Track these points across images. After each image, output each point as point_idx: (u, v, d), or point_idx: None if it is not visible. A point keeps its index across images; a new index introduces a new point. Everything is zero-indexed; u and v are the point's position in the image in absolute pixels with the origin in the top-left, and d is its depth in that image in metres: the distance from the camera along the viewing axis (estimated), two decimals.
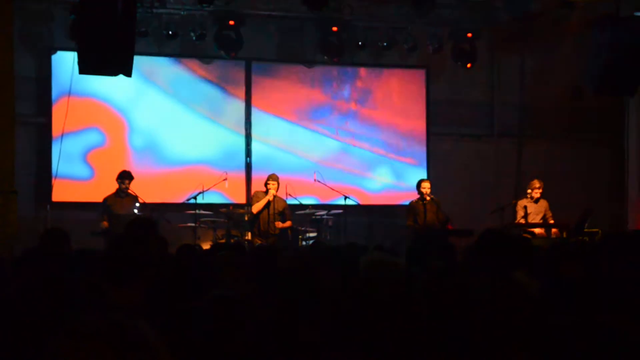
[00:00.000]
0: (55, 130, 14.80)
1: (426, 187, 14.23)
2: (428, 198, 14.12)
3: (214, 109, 15.92)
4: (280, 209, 13.77)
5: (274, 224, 13.62)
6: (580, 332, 2.50)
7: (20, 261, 5.59)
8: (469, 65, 16.37)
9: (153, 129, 15.58)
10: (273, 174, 13.87)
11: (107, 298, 4.23)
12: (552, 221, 14.04)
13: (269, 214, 13.65)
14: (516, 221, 14.06)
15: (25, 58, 14.37)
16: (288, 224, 13.81)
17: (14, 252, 8.84)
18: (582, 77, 14.30)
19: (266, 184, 13.72)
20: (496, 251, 4.37)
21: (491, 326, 3.19)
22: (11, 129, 8.26)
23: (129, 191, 13.52)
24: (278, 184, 13.73)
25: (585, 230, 13.42)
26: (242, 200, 15.66)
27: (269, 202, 13.65)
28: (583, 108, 16.15)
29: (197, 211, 13.98)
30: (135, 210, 13.26)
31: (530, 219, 14.00)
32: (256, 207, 13.67)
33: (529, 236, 13.26)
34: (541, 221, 14.06)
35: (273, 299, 4.63)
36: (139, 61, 11.77)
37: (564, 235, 13.54)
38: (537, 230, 13.81)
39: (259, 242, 13.39)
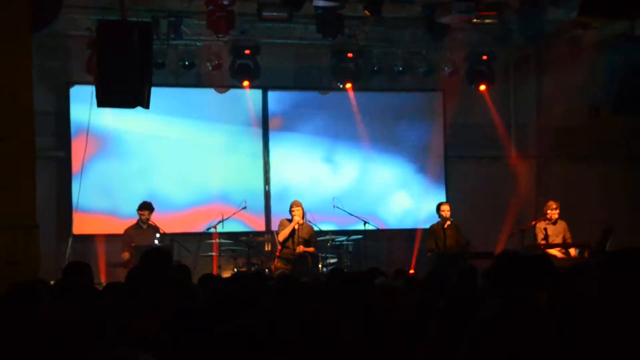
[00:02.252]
0: (75, 164, 14.90)
1: (445, 209, 14.24)
2: (448, 222, 14.12)
3: (232, 138, 15.97)
4: (306, 237, 13.71)
5: (297, 248, 13.60)
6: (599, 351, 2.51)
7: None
8: (483, 87, 16.41)
9: (171, 159, 15.63)
10: (296, 201, 13.87)
11: (128, 330, 4.26)
12: (571, 242, 13.98)
13: (293, 241, 13.63)
14: (536, 243, 14.01)
15: (43, 93, 14.47)
16: (311, 249, 13.76)
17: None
18: (598, 96, 14.27)
19: (290, 211, 13.72)
20: (513, 273, 4.37)
21: (510, 349, 3.20)
22: (32, 164, 8.32)
23: (150, 222, 13.59)
24: (302, 209, 13.73)
25: (607, 249, 13.34)
26: (261, 228, 15.69)
27: (294, 230, 13.63)
28: (600, 127, 16.09)
29: (218, 240, 14.02)
30: (156, 241, 13.31)
31: (550, 241, 13.94)
32: (282, 235, 13.66)
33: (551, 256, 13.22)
34: (561, 242, 14.00)
35: (294, 327, 4.64)
36: (156, 92, 11.86)
37: (586, 255, 13.48)
38: (558, 254, 13.73)
39: (283, 268, 13.35)
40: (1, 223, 8.05)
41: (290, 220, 13.72)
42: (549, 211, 14.07)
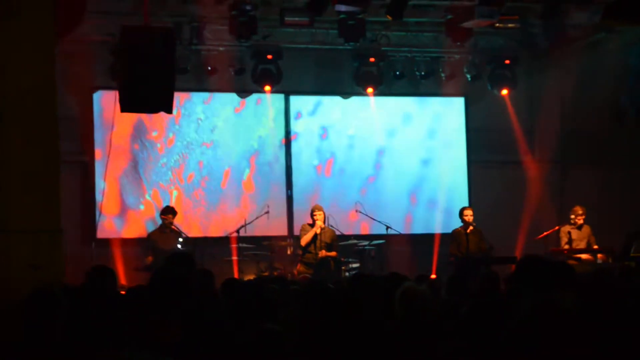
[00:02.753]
0: (98, 168, 14.98)
1: (468, 214, 14.23)
2: (471, 227, 14.10)
3: (254, 142, 16.01)
4: (328, 241, 13.72)
5: (320, 252, 13.61)
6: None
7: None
8: (506, 92, 16.38)
9: (193, 164, 15.69)
10: (317, 205, 13.92)
11: (149, 334, 4.28)
12: (596, 247, 13.93)
13: (315, 246, 13.65)
14: (560, 247, 13.96)
15: (67, 98, 14.54)
16: (333, 254, 13.77)
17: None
18: (622, 101, 14.23)
19: (312, 215, 13.74)
20: (536, 277, 4.36)
21: (534, 352, 3.20)
22: (56, 169, 8.37)
23: (173, 227, 13.65)
24: (324, 213, 13.75)
25: (632, 255, 13.27)
26: (284, 232, 15.70)
27: (316, 235, 13.65)
28: (623, 132, 16.01)
29: (240, 244, 14.04)
30: (179, 245, 13.36)
31: (574, 246, 13.89)
32: (304, 240, 13.67)
33: (575, 262, 13.17)
34: (585, 247, 13.95)
35: (317, 331, 4.65)
36: (179, 97, 11.96)
37: (610, 260, 13.42)
38: (583, 256, 13.69)
39: (305, 273, 13.37)
40: (26, 227, 8.10)
41: (311, 225, 13.74)
42: (574, 216, 14.01)
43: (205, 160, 15.75)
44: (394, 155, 16.58)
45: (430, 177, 16.69)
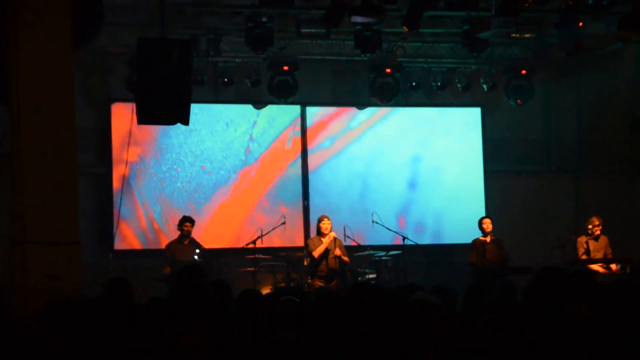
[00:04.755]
0: (116, 180, 15.04)
1: (487, 223, 14.24)
2: (489, 238, 14.11)
3: (271, 154, 16.04)
4: (339, 247, 13.80)
5: (336, 258, 13.60)
6: None
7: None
8: (522, 102, 16.35)
9: (210, 175, 15.72)
10: (323, 215, 13.93)
11: (169, 346, 4.29)
12: (611, 257, 13.87)
13: (328, 256, 13.67)
14: (578, 258, 13.90)
15: (84, 109, 14.60)
16: (346, 259, 13.80)
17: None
18: (638, 108, 14.19)
19: (319, 226, 13.73)
20: (554, 288, 4.35)
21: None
22: (73, 179, 8.38)
23: (191, 237, 13.68)
24: (330, 222, 13.78)
25: None
26: (300, 243, 15.70)
27: (327, 249, 13.67)
28: None
29: (256, 255, 14.05)
30: (196, 257, 13.38)
31: (592, 256, 13.84)
32: (317, 252, 13.66)
33: (594, 271, 13.12)
34: (603, 258, 13.88)
35: (332, 342, 4.64)
36: (196, 109, 11.97)
37: (628, 271, 13.36)
38: (599, 269, 13.62)
39: (321, 284, 13.37)
40: (42, 239, 8.11)
41: (318, 235, 13.75)
42: (591, 227, 13.96)
43: (220, 171, 15.78)
44: (409, 164, 16.57)
45: (447, 188, 16.66)
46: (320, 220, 13.83)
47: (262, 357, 3.80)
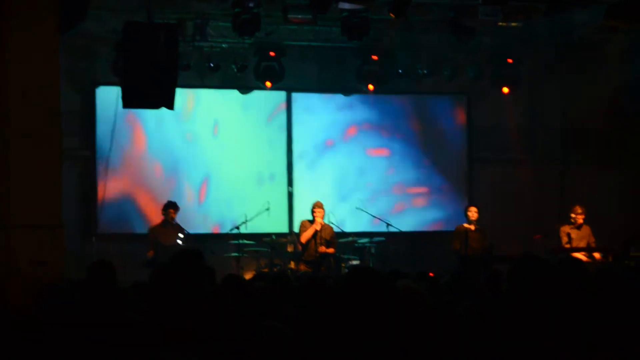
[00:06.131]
0: (100, 164, 14.99)
1: (473, 211, 14.28)
2: (474, 226, 14.14)
3: (255, 140, 16.02)
4: (328, 238, 13.82)
5: (319, 248, 13.67)
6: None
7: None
8: (507, 90, 16.38)
9: (194, 160, 15.69)
10: (318, 202, 13.95)
11: (156, 332, 4.28)
12: (595, 246, 13.94)
13: (315, 242, 13.68)
14: (560, 246, 13.96)
15: (69, 93, 14.52)
16: (331, 250, 13.84)
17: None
18: (624, 100, 14.23)
19: (312, 212, 13.79)
20: (533, 276, 4.35)
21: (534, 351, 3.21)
22: (58, 163, 8.37)
23: (174, 222, 13.69)
24: (324, 211, 13.81)
25: (631, 254, 13.27)
26: (284, 229, 15.71)
27: (316, 232, 13.69)
28: (625, 132, 16.01)
29: (240, 241, 14.06)
30: (179, 241, 13.39)
31: (574, 245, 13.90)
32: (305, 237, 13.72)
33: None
34: (585, 246, 13.95)
35: (317, 328, 4.65)
36: (181, 93, 11.93)
37: (610, 259, 13.42)
38: (582, 257, 13.68)
39: (305, 269, 13.43)
40: (26, 222, 8.11)
41: (311, 221, 13.79)
42: (574, 215, 14.02)
43: (206, 156, 15.75)
44: (395, 151, 16.59)
45: (432, 176, 16.69)
46: (313, 206, 13.86)
47: (247, 345, 3.81)
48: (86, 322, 3.96)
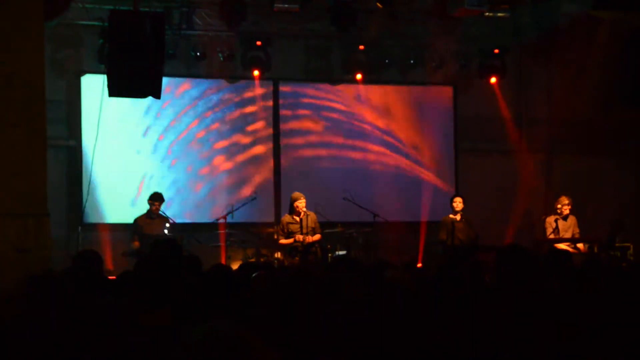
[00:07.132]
0: (86, 153, 14.93)
1: (457, 202, 14.26)
2: (459, 217, 14.13)
3: (242, 129, 15.99)
4: (313, 225, 13.53)
5: (306, 238, 13.43)
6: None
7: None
8: (494, 80, 16.40)
9: (182, 149, 15.65)
10: (296, 193, 13.55)
11: (137, 319, 4.27)
12: (579, 237, 13.97)
13: (302, 232, 13.51)
14: (545, 237, 13.98)
15: (55, 82, 14.47)
16: (317, 237, 13.58)
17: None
18: (611, 89, 14.26)
19: (293, 205, 13.51)
20: (516, 266, 4.37)
21: (521, 341, 3.21)
22: (43, 152, 8.35)
23: (159, 212, 13.64)
24: (305, 199, 13.49)
25: (617, 244, 13.32)
26: (271, 219, 15.69)
27: (301, 220, 13.44)
28: (611, 121, 16.05)
29: (227, 231, 14.04)
30: (166, 231, 13.36)
31: (560, 235, 13.92)
32: (283, 242, 13.45)
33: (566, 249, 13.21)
34: (570, 237, 13.98)
35: (302, 319, 4.64)
36: (167, 82, 11.89)
37: (595, 250, 13.46)
38: (567, 248, 13.71)
39: (292, 260, 13.30)
40: (12, 211, 8.08)
41: (291, 214, 13.48)
42: (560, 206, 14.04)
43: (192, 146, 15.71)
44: (381, 142, 16.58)
45: (417, 166, 16.70)
46: (294, 199, 13.57)
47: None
48: (71, 312, 3.94)
